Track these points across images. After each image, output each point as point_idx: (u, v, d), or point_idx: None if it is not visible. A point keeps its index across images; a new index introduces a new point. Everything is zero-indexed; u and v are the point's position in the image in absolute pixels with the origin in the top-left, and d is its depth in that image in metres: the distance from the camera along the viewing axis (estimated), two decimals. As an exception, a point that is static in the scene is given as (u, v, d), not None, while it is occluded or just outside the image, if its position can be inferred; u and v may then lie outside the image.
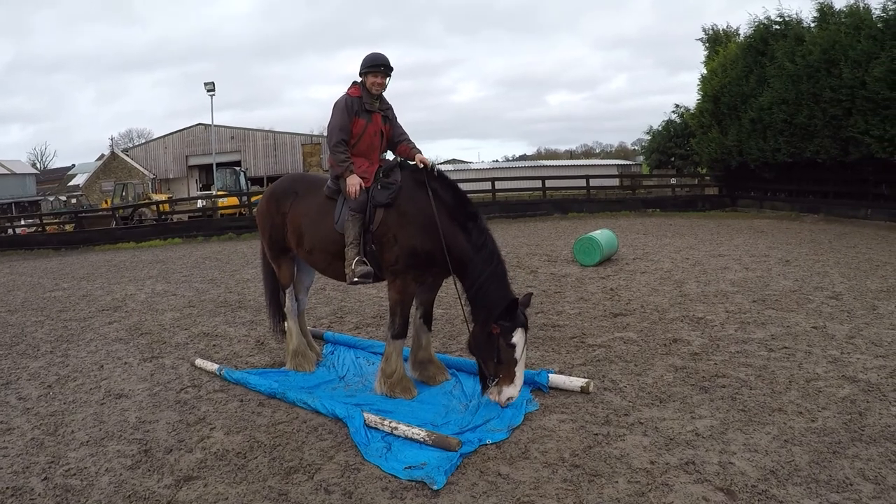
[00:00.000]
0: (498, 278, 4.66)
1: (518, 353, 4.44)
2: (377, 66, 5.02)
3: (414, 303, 5.19)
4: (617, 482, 3.58)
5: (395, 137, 5.29)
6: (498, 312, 4.45)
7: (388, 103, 5.27)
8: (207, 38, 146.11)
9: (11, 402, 5.36)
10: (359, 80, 5.14)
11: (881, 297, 7.69)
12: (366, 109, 5.06)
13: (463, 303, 4.79)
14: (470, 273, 4.67)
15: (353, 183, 4.88)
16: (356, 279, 4.88)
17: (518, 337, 4.44)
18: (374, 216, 4.90)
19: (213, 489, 3.71)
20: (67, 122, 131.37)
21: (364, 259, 4.89)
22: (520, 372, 4.48)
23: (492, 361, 4.47)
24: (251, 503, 3.54)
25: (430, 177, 4.94)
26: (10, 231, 23.81)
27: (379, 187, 4.94)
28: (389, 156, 5.34)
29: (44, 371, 6.22)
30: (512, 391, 4.42)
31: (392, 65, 5.08)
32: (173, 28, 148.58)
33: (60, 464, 4.13)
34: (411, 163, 5.10)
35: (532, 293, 4.86)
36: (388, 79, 5.11)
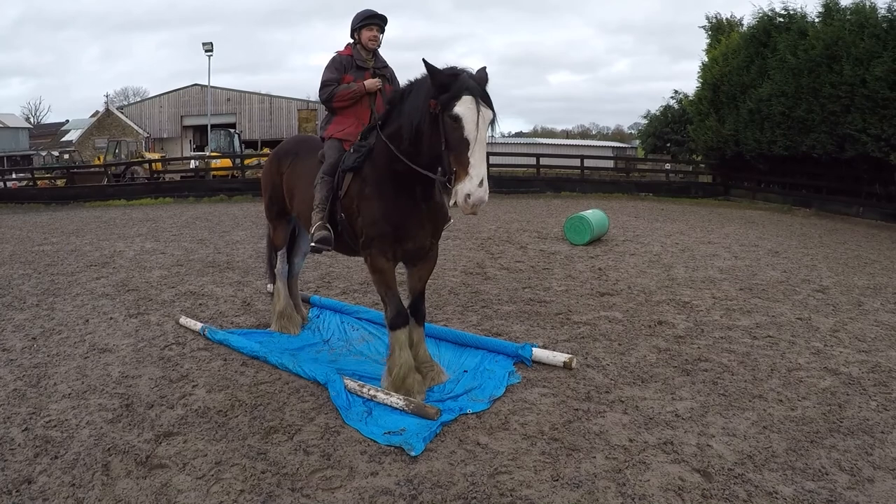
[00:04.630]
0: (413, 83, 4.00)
1: (468, 129, 3.44)
2: (371, 19, 4.76)
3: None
4: (595, 458, 3.61)
5: None
6: (431, 86, 3.59)
7: (383, 61, 4.98)
8: (217, 0, 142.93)
9: (-6, 352, 5.32)
10: (351, 41, 4.93)
11: (867, 293, 7.74)
12: (357, 66, 4.81)
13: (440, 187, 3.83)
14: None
15: (370, 82, 4.68)
16: (313, 244, 4.48)
17: (465, 106, 3.46)
18: (342, 181, 4.46)
19: (193, 445, 3.72)
20: (68, 79, 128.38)
21: (327, 225, 4.47)
22: (476, 159, 3.42)
23: (443, 150, 3.57)
24: (230, 461, 3.55)
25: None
26: (0, 184, 23.46)
27: (351, 150, 4.49)
28: None
29: (29, 323, 6.18)
30: (468, 186, 3.37)
31: (385, 16, 4.85)
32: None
33: (41, 415, 4.12)
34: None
35: (485, 67, 3.79)
36: (382, 33, 4.88)
